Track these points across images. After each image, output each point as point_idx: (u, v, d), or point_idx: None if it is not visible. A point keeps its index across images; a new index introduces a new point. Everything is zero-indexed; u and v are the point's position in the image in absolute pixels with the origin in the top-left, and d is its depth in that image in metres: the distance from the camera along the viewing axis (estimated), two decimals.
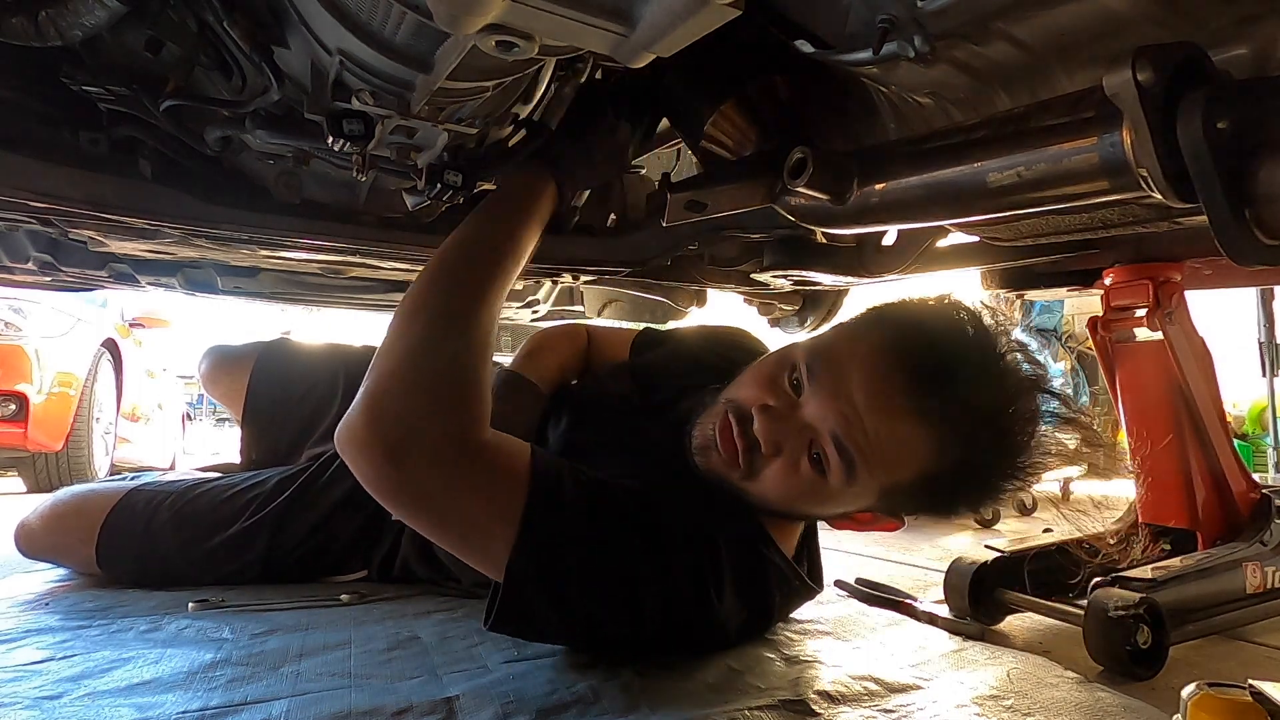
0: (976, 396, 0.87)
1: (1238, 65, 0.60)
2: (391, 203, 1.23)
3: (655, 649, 0.92)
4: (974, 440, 0.88)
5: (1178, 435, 1.50)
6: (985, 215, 0.75)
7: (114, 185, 1.07)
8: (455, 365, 0.83)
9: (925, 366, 0.87)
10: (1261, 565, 1.34)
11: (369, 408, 0.80)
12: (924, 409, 0.86)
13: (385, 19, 0.77)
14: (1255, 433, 4.81)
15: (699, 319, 2.17)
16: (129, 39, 0.94)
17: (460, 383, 0.83)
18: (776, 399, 0.94)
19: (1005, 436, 0.89)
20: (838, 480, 0.90)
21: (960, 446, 0.88)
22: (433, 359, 0.83)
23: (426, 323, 0.85)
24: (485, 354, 0.87)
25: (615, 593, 0.86)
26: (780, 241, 1.58)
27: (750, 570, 0.96)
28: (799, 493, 0.93)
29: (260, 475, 1.35)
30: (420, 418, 0.79)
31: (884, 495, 0.92)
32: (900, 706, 0.87)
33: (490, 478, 0.83)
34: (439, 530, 0.86)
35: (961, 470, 0.90)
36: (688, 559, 0.89)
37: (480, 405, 0.84)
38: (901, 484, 0.90)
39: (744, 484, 0.96)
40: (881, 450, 0.88)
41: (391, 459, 0.78)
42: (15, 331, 3.60)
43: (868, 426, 0.88)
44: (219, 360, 1.66)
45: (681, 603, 0.89)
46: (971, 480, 0.92)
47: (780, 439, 0.92)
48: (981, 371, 0.88)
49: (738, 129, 0.99)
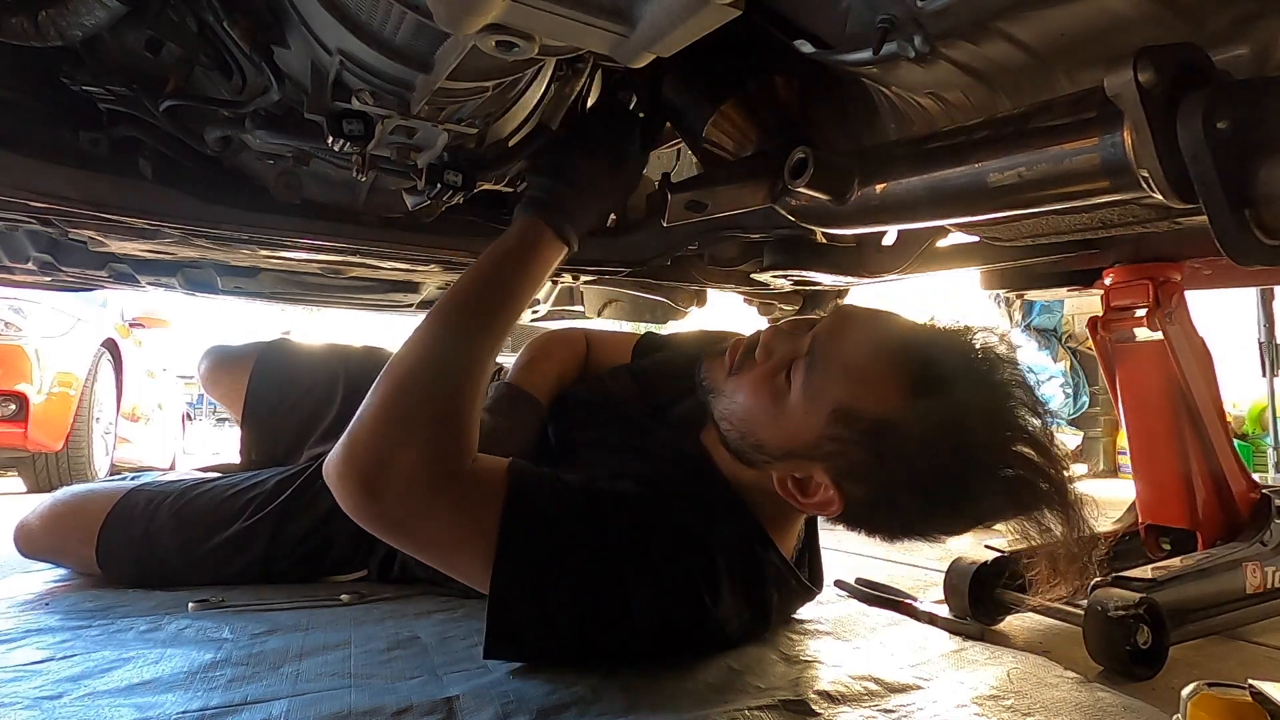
0: (967, 398, 0.84)
1: (1238, 65, 0.60)
2: (391, 203, 1.23)
3: (653, 652, 0.92)
4: (940, 435, 0.83)
5: (1178, 435, 1.49)
6: (986, 215, 0.75)
7: (114, 185, 1.07)
8: (432, 398, 0.87)
9: (933, 351, 0.87)
10: (1261, 565, 1.34)
11: (350, 440, 0.85)
12: (909, 369, 0.86)
13: (385, 19, 0.77)
14: (1255, 433, 4.81)
15: (699, 319, 2.17)
16: (129, 39, 0.94)
17: (437, 415, 0.86)
18: (785, 327, 0.99)
19: (982, 455, 0.84)
20: (797, 394, 0.91)
21: (932, 427, 0.83)
22: (409, 394, 0.87)
23: (412, 362, 0.89)
24: (469, 389, 0.90)
25: (604, 605, 0.86)
26: (780, 241, 1.59)
27: (747, 570, 0.96)
28: (760, 404, 0.95)
29: (260, 475, 1.35)
30: (392, 450, 0.83)
31: (833, 420, 0.88)
32: (900, 706, 0.87)
33: (464, 504, 0.85)
34: (421, 555, 0.91)
35: (919, 454, 0.84)
36: (680, 562, 0.89)
37: (460, 437, 0.87)
38: (853, 414, 0.87)
39: (723, 385, 0.99)
40: (846, 369, 0.89)
41: (367, 490, 0.83)
42: (15, 331, 3.60)
43: (843, 348, 0.90)
44: (219, 360, 1.66)
45: (675, 607, 0.89)
46: (924, 472, 0.84)
47: (774, 347, 0.97)
48: (981, 384, 0.86)
49: (738, 129, 0.99)
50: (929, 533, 0.92)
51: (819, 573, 1.18)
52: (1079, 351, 5.32)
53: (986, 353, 0.88)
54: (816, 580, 1.15)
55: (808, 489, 0.93)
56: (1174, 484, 1.50)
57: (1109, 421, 5.20)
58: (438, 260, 1.43)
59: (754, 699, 0.84)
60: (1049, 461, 0.84)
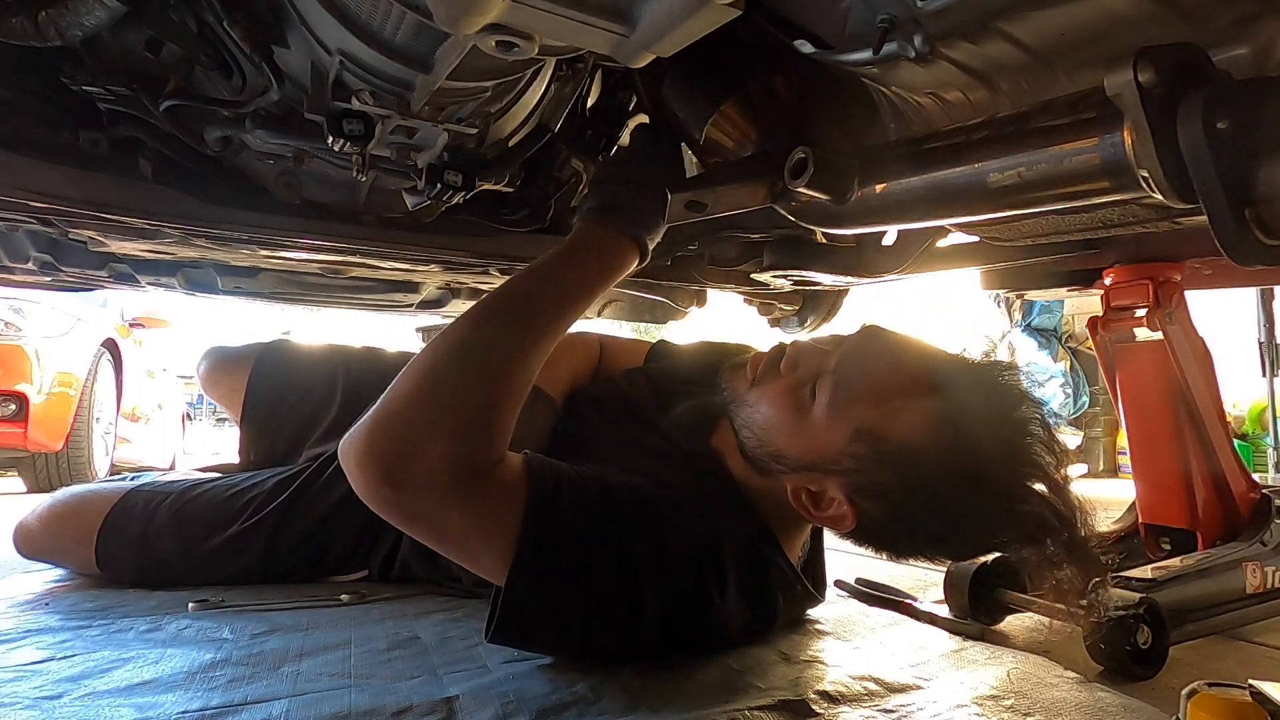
0: (988, 431, 0.86)
1: (1238, 65, 0.60)
2: (391, 203, 1.23)
3: (657, 648, 0.92)
4: (967, 460, 0.85)
5: (1178, 435, 1.49)
6: (986, 215, 0.75)
7: (114, 185, 1.07)
8: (469, 391, 0.83)
9: (957, 389, 0.88)
10: (1261, 565, 1.34)
11: (374, 423, 0.81)
12: (932, 392, 0.88)
13: (385, 19, 0.77)
14: (1255, 433, 4.81)
15: (698, 319, 2.17)
16: (129, 39, 0.94)
17: (472, 410, 0.83)
18: (814, 343, 1.00)
19: (998, 488, 0.86)
20: (821, 410, 0.92)
21: (952, 456, 0.86)
22: (444, 383, 0.83)
23: (451, 353, 0.86)
24: (510, 388, 0.86)
25: (615, 606, 0.87)
26: (780, 241, 1.59)
27: (754, 570, 0.96)
28: (783, 418, 0.95)
29: (259, 476, 1.35)
30: (422, 438, 0.80)
31: (854, 438, 0.89)
32: (900, 706, 0.87)
33: (486, 502, 0.83)
34: (436, 546, 0.88)
35: (940, 478, 0.86)
36: (690, 558, 0.89)
37: (493, 436, 0.84)
38: (874, 433, 0.88)
39: (746, 394, 1.00)
40: (869, 389, 0.90)
41: (387, 478, 0.79)
42: (15, 331, 3.60)
43: (868, 368, 0.91)
44: (218, 361, 1.66)
45: (683, 606, 0.90)
46: (937, 502, 0.87)
47: (799, 361, 0.97)
48: (1002, 423, 0.87)
49: (738, 129, 0.99)
50: (936, 555, 0.95)
51: (822, 581, 1.18)
52: (1079, 351, 5.32)
53: (1010, 388, 0.90)
54: (820, 588, 1.15)
55: (821, 502, 0.94)
56: (1174, 484, 1.50)
57: (1109, 421, 5.20)
58: (438, 260, 1.43)
59: (754, 699, 0.84)
60: (1061, 500, 0.86)
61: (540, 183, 1.33)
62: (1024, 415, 0.88)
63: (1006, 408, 0.88)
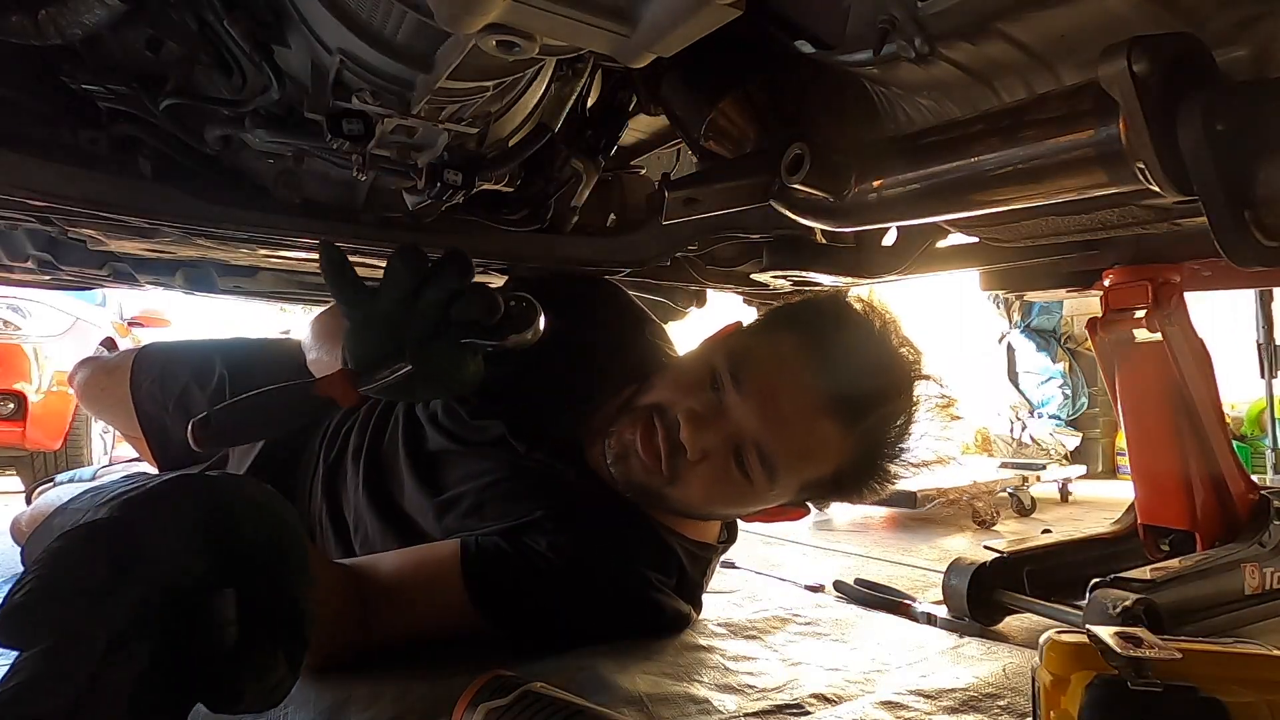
0: (882, 393, 0.96)
1: (1238, 66, 0.60)
2: (391, 203, 1.23)
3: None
4: (877, 433, 0.97)
5: (1177, 436, 1.50)
6: (984, 210, 0.75)
7: (113, 184, 1.07)
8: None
9: (842, 370, 0.94)
10: (1260, 566, 1.34)
11: None
12: (842, 411, 0.93)
13: (386, 18, 0.77)
14: (1254, 434, 4.81)
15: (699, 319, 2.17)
16: (129, 37, 0.94)
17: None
18: (701, 404, 0.95)
19: (900, 426, 0.98)
20: (762, 483, 0.94)
21: (867, 439, 0.97)
22: None
23: None
24: None
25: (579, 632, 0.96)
26: (780, 241, 1.58)
27: (676, 568, 1.03)
28: (724, 496, 0.98)
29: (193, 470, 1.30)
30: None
31: (801, 490, 1.00)
32: (897, 706, 0.87)
33: (426, 613, 0.92)
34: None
35: (865, 460, 0.99)
36: (627, 597, 0.98)
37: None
38: (817, 479, 0.98)
39: (666, 490, 0.97)
40: (803, 452, 0.95)
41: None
42: (14, 330, 3.60)
43: (792, 432, 0.93)
44: (98, 368, 1.59)
45: (636, 622, 0.99)
46: (871, 468, 1.00)
47: (707, 445, 0.93)
48: (885, 368, 0.98)
49: (736, 128, 0.99)
50: (878, 488, 1.05)
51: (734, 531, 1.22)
52: (1078, 352, 5.32)
53: (879, 323, 1.02)
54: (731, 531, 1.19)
55: (774, 512, 1.05)
56: (1173, 485, 1.50)
57: (1108, 422, 5.20)
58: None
59: (751, 700, 0.84)
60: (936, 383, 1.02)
61: (540, 183, 1.32)
62: (908, 374, 1.01)
63: (894, 383, 0.99)
